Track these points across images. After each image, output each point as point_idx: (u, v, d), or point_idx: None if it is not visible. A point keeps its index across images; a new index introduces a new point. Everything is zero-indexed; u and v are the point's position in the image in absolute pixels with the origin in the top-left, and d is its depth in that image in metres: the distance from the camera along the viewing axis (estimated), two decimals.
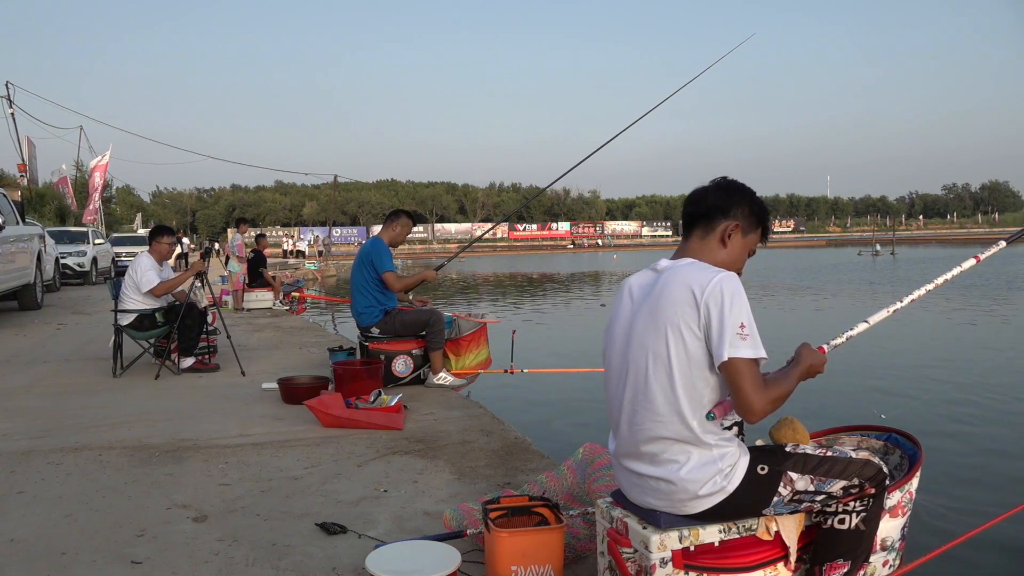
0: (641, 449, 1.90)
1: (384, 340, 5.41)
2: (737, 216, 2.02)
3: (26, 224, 11.52)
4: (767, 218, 2.09)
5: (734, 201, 2.03)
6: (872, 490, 1.89)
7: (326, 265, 32.56)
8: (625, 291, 2.05)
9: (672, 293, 1.85)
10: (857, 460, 1.88)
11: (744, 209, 2.03)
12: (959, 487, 4.28)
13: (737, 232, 2.02)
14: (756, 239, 2.08)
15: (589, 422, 5.96)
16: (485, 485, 3.28)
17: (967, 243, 57.75)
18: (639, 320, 1.92)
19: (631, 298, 2.01)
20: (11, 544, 2.71)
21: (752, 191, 2.09)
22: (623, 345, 1.96)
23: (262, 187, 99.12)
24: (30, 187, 26.99)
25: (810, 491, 1.86)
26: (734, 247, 2.02)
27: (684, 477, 1.82)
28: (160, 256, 6.27)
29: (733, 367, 1.74)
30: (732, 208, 2.02)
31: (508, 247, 78.94)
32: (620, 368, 1.96)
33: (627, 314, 1.99)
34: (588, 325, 12.74)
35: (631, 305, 2.00)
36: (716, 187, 2.07)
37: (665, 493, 1.86)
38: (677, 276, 1.88)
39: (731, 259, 2.01)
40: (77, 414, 4.75)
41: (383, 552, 2.25)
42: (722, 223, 2.01)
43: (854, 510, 1.89)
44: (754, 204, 2.06)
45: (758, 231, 2.08)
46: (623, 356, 1.95)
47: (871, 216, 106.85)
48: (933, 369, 8.11)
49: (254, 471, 3.53)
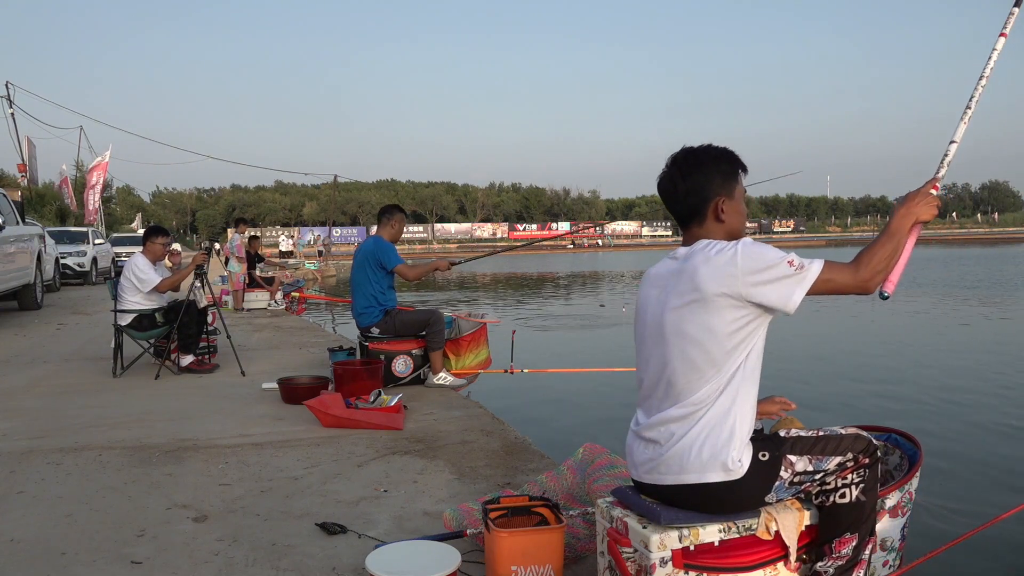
0: (671, 414, 1.92)
1: (384, 340, 5.41)
2: (715, 188, 2.00)
3: (26, 224, 11.51)
4: (736, 160, 2.04)
5: (704, 177, 2.00)
6: (866, 460, 1.93)
7: (326, 265, 32.54)
8: (650, 279, 2.06)
9: (703, 273, 1.85)
10: (848, 436, 1.94)
11: (716, 178, 2.00)
12: (959, 487, 4.29)
13: (725, 201, 2.00)
14: (742, 187, 2.04)
15: (589, 422, 5.96)
16: (485, 485, 3.28)
17: (967, 243, 57.79)
18: (671, 301, 1.92)
19: (656, 284, 2.01)
20: (11, 544, 2.71)
21: (709, 151, 2.03)
22: (656, 325, 1.96)
23: (262, 187, 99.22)
24: (30, 187, 27.01)
25: (809, 471, 1.89)
26: (730, 214, 2.00)
27: (704, 447, 1.85)
28: (154, 256, 6.27)
29: (817, 290, 1.82)
30: (706, 185, 1.99)
31: (508, 247, 78.90)
32: (654, 345, 1.97)
33: (656, 298, 1.99)
34: (588, 325, 12.74)
35: (657, 291, 2.00)
36: (680, 172, 2.02)
37: (677, 457, 1.88)
38: (701, 258, 1.88)
39: (733, 225, 2.01)
40: (77, 414, 4.75)
41: (383, 552, 2.25)
42: (709, 204, 1.99)
43: (852, 482, 1.92)
44: (720, 164, 2.02)
45: (738, 178, 2.03)
46: (657, 335, 1.96)
47: (871, 216, 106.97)
48: (933, 369, 8.11)
49: (254, 471, 3.53)
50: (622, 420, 2.44)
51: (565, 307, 16.37)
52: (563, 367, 8.16)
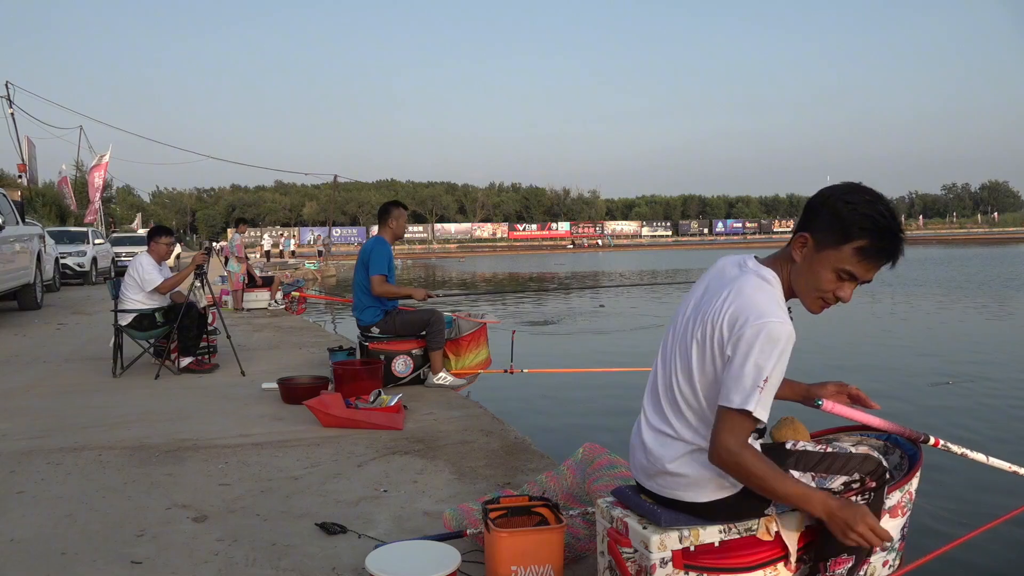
0: (670, 427, 1.89)
1: (384, 340, 5.41)
2: (811, 224, 1.78)
3: (26, 224, 11.51)
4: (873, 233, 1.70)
5: (817, 205, 1.78)
6: (873, 484, 1.89)
7: (326, 265, 32.55)
8: (712, 272, 1.94)
9: (724, 315, 1.75)
10: (857, 455, 1.89)
11: (823, 218, 1.75)
12: (959, 488, 4.28)
13: (807, 246, 1.78)
14: (843, 257, 1.73)
15: (589, 422, 5.96)
16: (485, 485, 3.28)
17: (967, 243, 57.78)
18: (696, 320, 1.85)
19: (707, 286, 1.91)
20: (11, 544, 2.71)
21: (848, 194, 1.74)
22: (684, 324, 1.90)
23: (262, 187, 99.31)
24: (30, 187, 26.99)
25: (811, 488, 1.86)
26: (803, 263, 1.79)
27: (695, 471, 1.83)
28: (159, 256, 6.27)
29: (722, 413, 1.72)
30: (812, 215, 1.78)
31: (508, 247, 78.95)
32: (674, 343, 1.92)
33: (696, 303, 1.91)
34: (588, 325, 12.73)
35: (700, 294, 1.92)
36: (837, 190, 1.79)
37: (671, 483, 1.87)
38: (739, 293, 1.76)
39: (800, 277, 1.81)
40: (77, 414, 4.75)
41: (383, 552, 2.25)
42: (799, 234, 1.81)
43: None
44: (840, 211, 1.73)
45: (845, 247, 1.73)
46: (678, 338, 1.90)
47: None
48: (933, 368, 8.10)
49: (254, 471, 3.53)
50: (622, 420, 2.44)
51: (565, 307, 16.37)
52: (563, 367, 8.16)
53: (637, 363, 6.18)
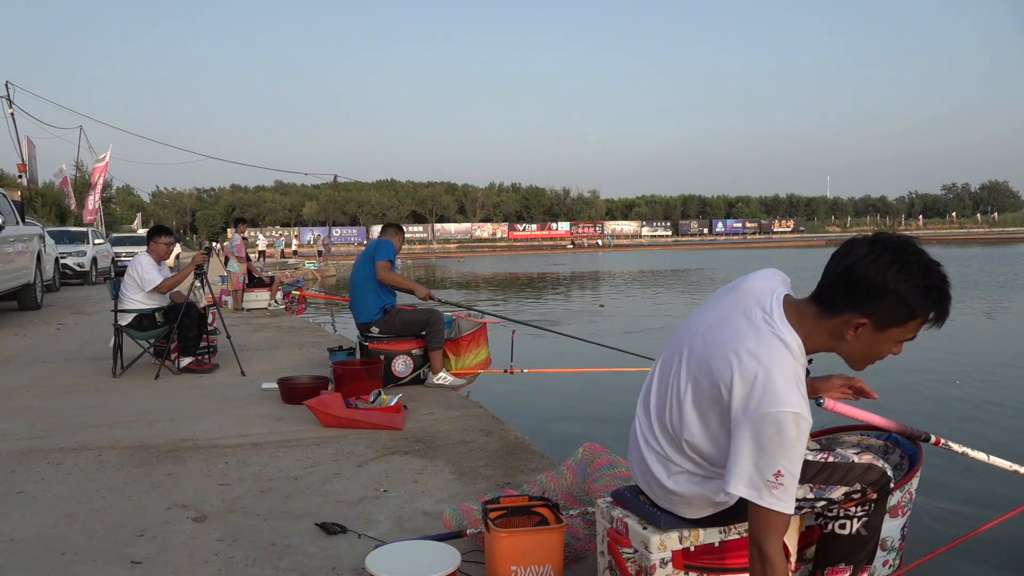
0: (662, 448, 1.84)
1: (384, 340, 5.41)
2: (870, 309, 1.58)
3: (26, 224, 11.51)
4: (923, 310, 1.58)
5: (876, 290, 1.56)
6: (875, 495, 1.86)
7: (326, 265, 32.56)
8: (729, 300, 1.77)
9: (735, 372, 1.58)
10: (859, 465, 1.84)
11: (887, 302, 1.57)
12: (960, 488, 4.28)
13: (864, 329, 1.61)
14: (909, 330, 1.61)
15: (589, 422, 5.95)
16: (485, 485, 3.28)
17: (967, 243, 57.76)
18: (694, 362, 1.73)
19: (726, 303, 1.76)
20: (11, 544, 2.70)
21: (904, 270, 1.56)
22: (687, 356, 1.77)
23: (262, 187, 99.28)
24: (30, 187, 26.98)
25: (809, 498, 1.84)
26: (858, 342, 1.63)
27: (690, 492, 1.80)
28: (158, 256, 6.27)
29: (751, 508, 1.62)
30: (868, 299, 1.57)
31: (508, 247, 78.95)
32: (677, 363, 1.80)
33: (712, 319, 1.75)
34: (588, 325, 12.72)
35: (721, 312, 1.75)
36: (869, 255, 1.58)
37: (666, 497, 1.86)
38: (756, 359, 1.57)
39: (855, 352, 1.66)
40: (77, 414, 4.75)
41: (383, 552, 2.25)
42: (845, 313, 1.60)
43: (855, 515, 1.87)
44: (905, 295, 1.56)
45: (911, 323, 1.60)
46: (683, 358, 1.78)
47: (871, 216, 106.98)
48: (933, 368, 8.09)
49: (254, 471, 3.53)
50: (622, 420, 2.43)
51: (565, 306, 16.35)
52: (563, 367, 8.15)
53: (637, 363, 6.17)
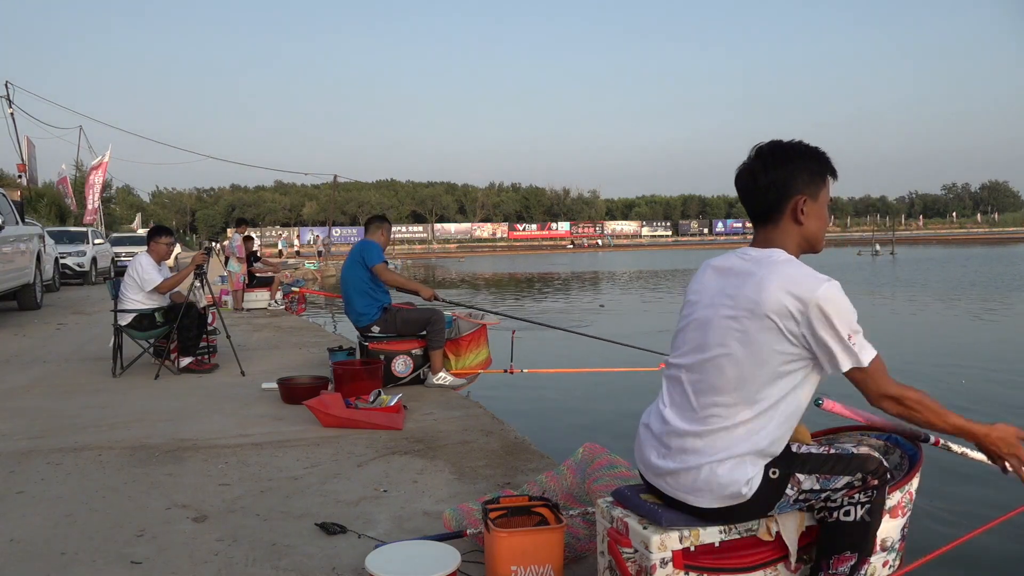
0: (692, 428, 1.87)
1: (384, 340, 5.41)
2: (799, 185, 1.89)
3: (26, 224, 11.51)
4: (827, 161, 1.93)
5: (788, 173, 1.89)
6: (875, 482, 1.90)
7: (325, 265, 32.56)
8: (710, 271, 1.98)
9: (770, 293, 1.78)
10: (859, 455, 1.90)
11: (802, 175, 1.89)
12: (960, 488, 4.28)
13: (808, 202, 1.89)
14: (828, 193, 1.94)
15: (589, 422, 5.96)
16: (485, 485, 3.28)
17: (967, 243, 57.76)
18: (725, 306, 1.86)
19: (720, 276, 1.93)
20: (11, 544, 2.70)
21: (799, 147, 1.92)
22: (704, 322, 1.90)
23: (262, 187, 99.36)
24: (30, 187, 26.98)
25: (816, 489, 1.87)
26: (811, 216, 1.90)
27: (718, 474, 1.82)
28: (159, 256, 6.27)
29: (852, 376, 1.81)
30: (789, 181, 1.89)
31: (508, 247, 78.98)
32: (695, 341, 1.92)
33: (714, 291, 1.91)
34: (588, 325, 12.72)
35: (718, 284, 1.92)
36: (763, 165, 1.91)
37: (690, 480, 1.85)
38: (775, 276, 1.80)
39: (812, 229, 1.92)
40: (77, 414, 4.75)
41: (383, 552, 2.25)
42: (789, 201, 1.89)
43: (858, 502, 1.90)
44: (808, 162, 1.90)
45: (825, 181, 1.93)
46: (702, 333, 1.90)
47: (871, 216, 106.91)
48: (934, 367, 8.10)
49: (254, 471, 3.53)
50: (622, 420, 2.44)
51: (565, 306, 16.36)
52: (563, 367, 8.16)
53: (637, 363, 6.17)
